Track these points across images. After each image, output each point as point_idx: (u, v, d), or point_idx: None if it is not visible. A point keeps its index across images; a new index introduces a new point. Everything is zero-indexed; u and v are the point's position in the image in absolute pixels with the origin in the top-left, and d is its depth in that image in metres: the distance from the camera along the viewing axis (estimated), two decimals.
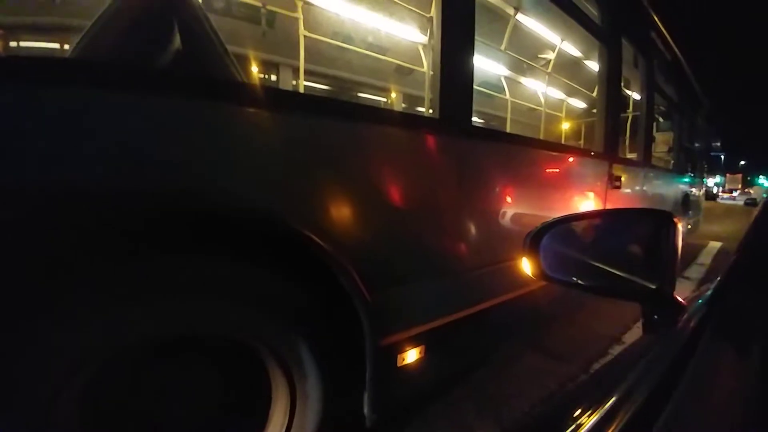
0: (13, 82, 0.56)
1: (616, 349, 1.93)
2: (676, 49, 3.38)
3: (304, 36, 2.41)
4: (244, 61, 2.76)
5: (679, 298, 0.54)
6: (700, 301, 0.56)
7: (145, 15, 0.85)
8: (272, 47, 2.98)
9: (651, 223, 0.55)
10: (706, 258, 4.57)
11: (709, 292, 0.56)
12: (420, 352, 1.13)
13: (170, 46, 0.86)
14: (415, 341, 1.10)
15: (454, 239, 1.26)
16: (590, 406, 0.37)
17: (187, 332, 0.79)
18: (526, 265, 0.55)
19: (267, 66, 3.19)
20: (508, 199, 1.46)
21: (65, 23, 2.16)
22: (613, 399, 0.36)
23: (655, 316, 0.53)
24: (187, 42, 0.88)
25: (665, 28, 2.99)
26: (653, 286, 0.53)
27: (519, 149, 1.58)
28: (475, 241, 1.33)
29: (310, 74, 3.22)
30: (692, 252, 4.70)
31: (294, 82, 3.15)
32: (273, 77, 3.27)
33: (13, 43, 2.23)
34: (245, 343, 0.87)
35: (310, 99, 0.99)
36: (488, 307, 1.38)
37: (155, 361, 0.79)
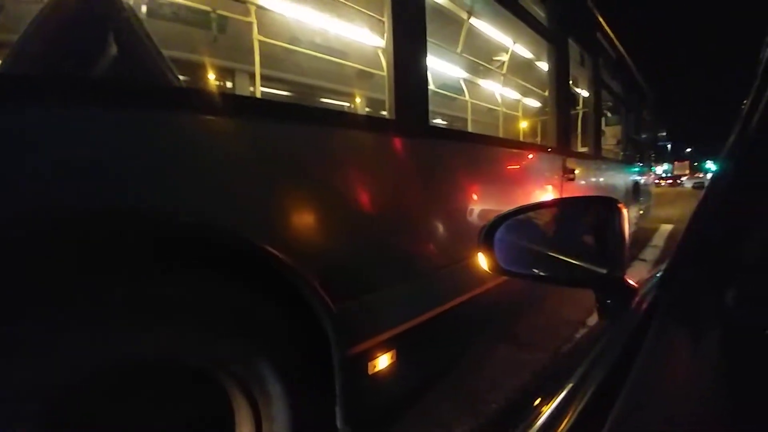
0: None
1: (582, 333, 2.01)
2: (621, 48, 3.64)
3: (260, 41, 2.34)
4: (195, 68, 2.62)
5: (631, 281, 0.56)
6: (650, 283, 0.57)
7: (76, 23, 0.79)
8: (225, 53, 2.85)
9: (598, 211, 0.56)
10: (659, 240, 4.94)
11: (659, 274, 0.58)
12: (391, 357, 1.10)
13: (104, 55, 0.81)
14: (385, 347, 1.08)
15: (418, 240, 1.26)
16: (549, 395, 0.36)
17: (133, 358, 0.71)
18: (482, 260, 0.54)
19: (221, 72, 3.05)
20: (470, 197, 1.48)
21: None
22: (570, 386, 0.35)
23: (608, 301, 0.54)
24: (122, 49, 0.82)
25: (610, 28, 3.21)
26: (604, 271, 0.54)
27: (476, 147, 1.61)
28: (439, 240, 1.33)
29: (268, 80, 3.12)
30: (646, 235, 5.06)
31: (251, 88, 3.04)
32: (228, 83, 3.13)
33: None
34: (199, 368, 0.80)
35: (260, 103, 0.94)
36: (458, 304, 1.38)
37: (101, 388, 0.70)
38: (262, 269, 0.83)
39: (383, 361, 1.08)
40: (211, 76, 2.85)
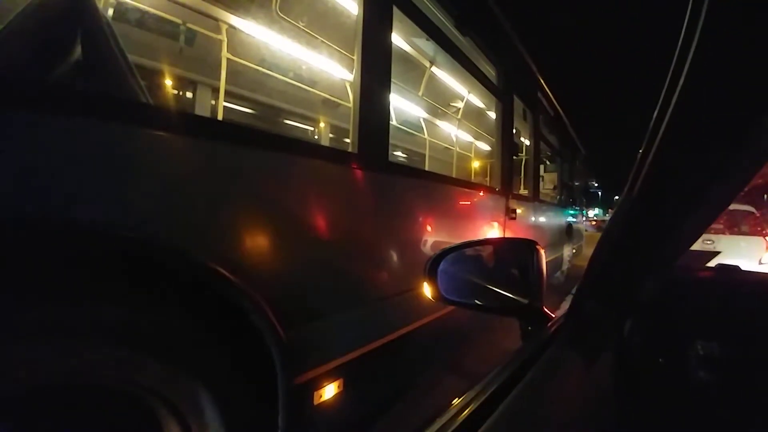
0: None
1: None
2: (559, 107, 4.21)
3: (228, 59, 2.35)
4: (155, 75, 2.53)
5: (547, 311, 0.65)
6: (562, 312, 0.68)
7: (47, 25, 0.78)
8: (190, 65, 2.80)
9: (521, 250, 0.66)
10: None
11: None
12: (338, 387, 1.09)
13: (71, 59, 0.80)
14: (332, 376, 1.07)
15: (370, 269, 1.30)
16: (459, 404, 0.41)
17: (53, 379, 0.64)
18: (426, 289, 0.61)
19: (182, 83, 2.97)
20: (422, 230, 1.58)
21: None
22: (473, 394, 0.40)
23: (529, 327, 0.62)
24: (89, 56, 0.82)
25: (550, 89, 3.72)
26: (526, 302, 0.63)
27: (430, 184, 1.75)
28: (390, 270, 1.39)
29: (232, 96, 3.09)
30: (578, 272, 5.59)
31: (213, 102, 2.99)
32: (189, 94, 3.05)
33: None
34: (128, 393, 0.74)
35: (220, 125, 0.96)
36: (406, 334, 1.42)
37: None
38: (209, 292, 0.81)
39: (330, 391, 1.07)
40: (172, 85, 2.76)
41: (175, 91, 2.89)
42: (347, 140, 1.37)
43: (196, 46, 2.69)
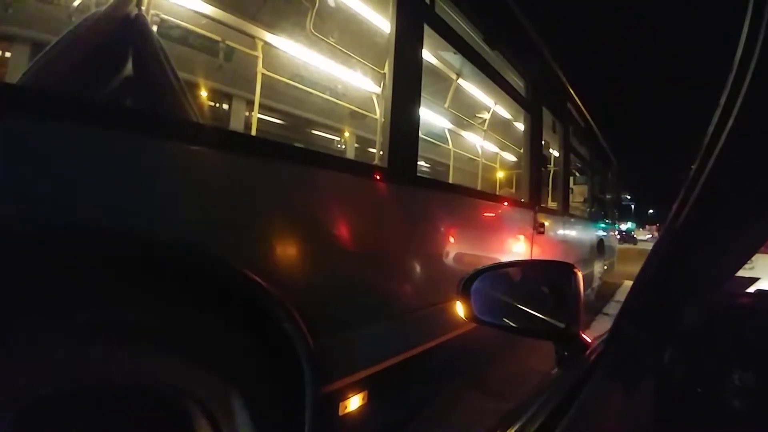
0: None
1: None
2: (589, 118, 4.08)
3: (262, 74, 2.48)
4: (195, 88, 2.71)
5: (585, 336, 0.63)
6: (601, 339, 0.65)
7: (101, 43, 0.84)
8: (227, 79, 2.98)
9: (558, 272, 0.65)
10: (622, 296, 5.17)
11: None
12: (363, 399, 1.10)
13: (121, 75, 0.85)
14: (358, 387, 1.08)
15: (398, 282, 1.31)
16: None
17: (89, 380, 0.67)
18: (459, 308, 0.61)
19: (219, 95, 3.17)
20: (449, 244, 1.57)
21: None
22: (516, 427, 0.39)
23: (565, 353, 0.60)
24: (140, 73, 0.87)
25: (580, 99, 3.62)
26: (563, 326, 0.61)
27: (457, 198, 1.74)
28: (418, 284, 1.38)
29: (264, 108, 3.25)
30: (609, 291, 5.29)
31: (247, 114, 3.15)
32: (225, 106, 3.24)
33: None
34: (169, 395, 0.78)
35: (260, 142, 1.01)
36: (430, 348, 1.41)
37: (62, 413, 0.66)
38: (244, 300, 0.85)
39: (355, 402, 1.07)
40: (211, 98, 2.94)
41: (214, 104, 3.07)
42: (371, 150, 1.38)
43: (234, 62, 2.86)
